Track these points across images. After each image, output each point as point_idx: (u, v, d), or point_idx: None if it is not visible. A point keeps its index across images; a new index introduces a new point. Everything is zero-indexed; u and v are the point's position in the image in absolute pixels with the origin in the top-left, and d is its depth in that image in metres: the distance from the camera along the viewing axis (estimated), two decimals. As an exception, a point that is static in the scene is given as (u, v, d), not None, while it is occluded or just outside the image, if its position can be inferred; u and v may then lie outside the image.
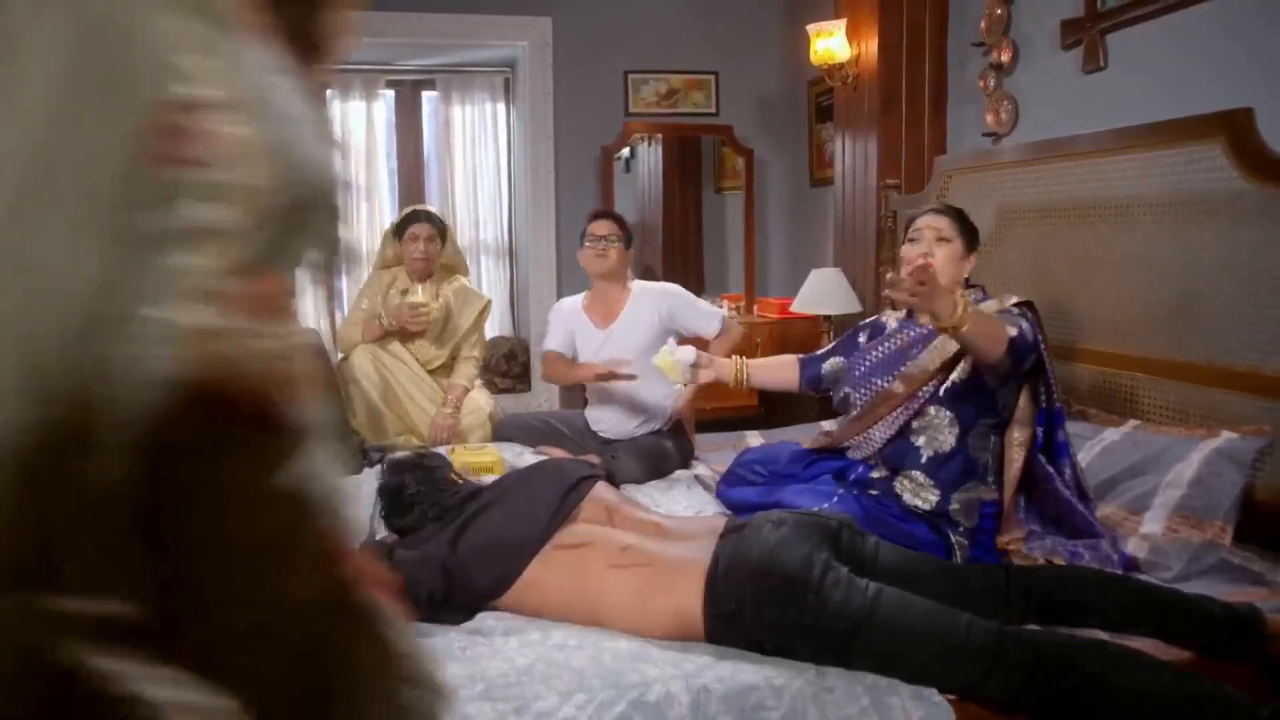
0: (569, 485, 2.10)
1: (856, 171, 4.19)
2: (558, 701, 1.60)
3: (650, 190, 5.83)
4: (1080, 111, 3.25)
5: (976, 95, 3.81)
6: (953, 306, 1.94)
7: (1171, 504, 2.22)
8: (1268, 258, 2.19)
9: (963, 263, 2.34)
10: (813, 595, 1.75)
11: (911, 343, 2.28)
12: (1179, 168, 2.42)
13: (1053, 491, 2.22)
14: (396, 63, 5.42)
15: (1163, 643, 1.83)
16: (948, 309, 1.94)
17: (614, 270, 3.22)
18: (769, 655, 1.77)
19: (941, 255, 2.30)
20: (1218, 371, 2.35)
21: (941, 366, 2.21)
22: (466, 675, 1.68)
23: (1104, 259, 2.69)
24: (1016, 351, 2.08)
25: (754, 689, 1.66)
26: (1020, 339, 2.08)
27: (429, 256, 3.54)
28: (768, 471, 2.55)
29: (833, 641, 1.73)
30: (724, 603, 1.81)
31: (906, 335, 2.32)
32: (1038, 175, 2.94)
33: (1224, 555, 2.16)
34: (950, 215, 2.37)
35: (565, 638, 1.84)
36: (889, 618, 1.72)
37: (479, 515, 2.05)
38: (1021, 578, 1.95)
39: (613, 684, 1.65)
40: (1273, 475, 2.20)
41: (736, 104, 5.37)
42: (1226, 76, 2.68)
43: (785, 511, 2.02)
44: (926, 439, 2.24)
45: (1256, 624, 1.81)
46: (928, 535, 2.20)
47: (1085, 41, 3.21)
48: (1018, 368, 2.14)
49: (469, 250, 5.64)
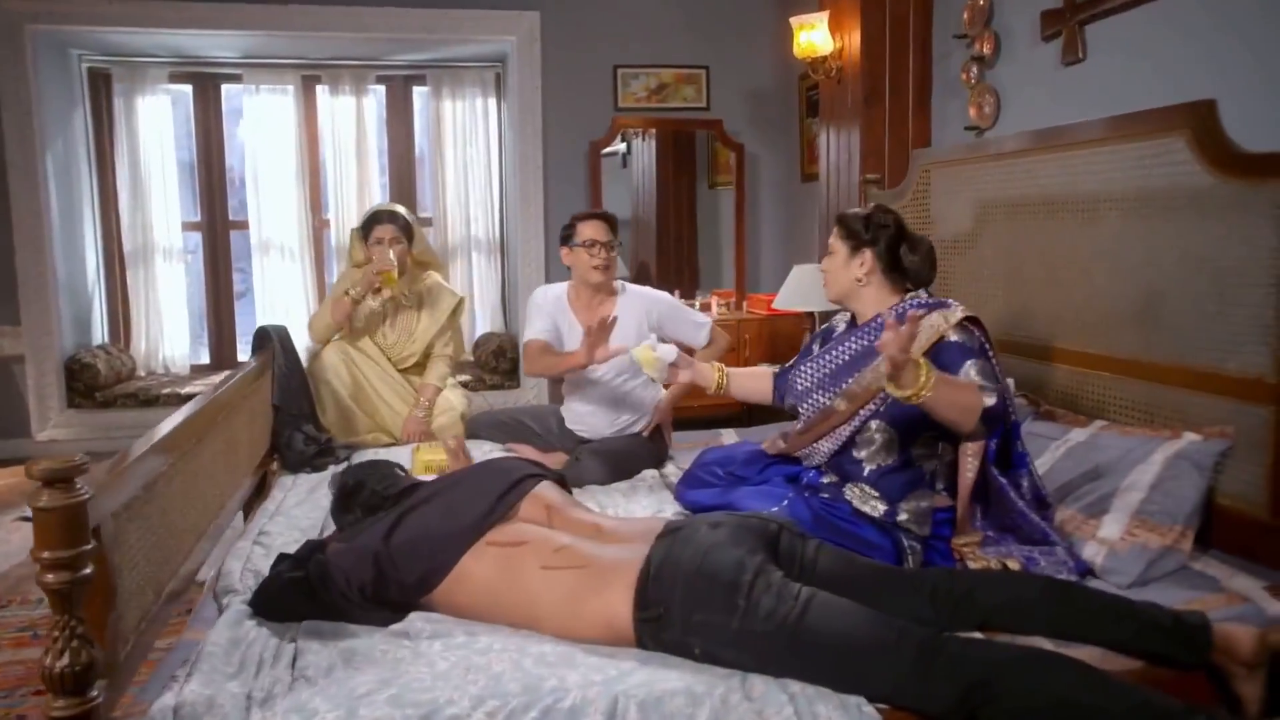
0: (509, 483, 2.07)
1: (840, 166, 4.13)
2: (469, 707, 1.56)
3: (644, 185, 5.79)
4: (1060, 104, 3.19)
5: (960, 88, 3.75)
6: (914, 377, 1.87)
7: (1130, 508, 2.15)
8: (1230, 254, 2.12)
9: (851, 264, 2.28)
10: (742, 600, 1.71)
11: (855, 358, 2.23)
12: (1144, 162, 2.35)
13: (1007, 502, 2.17)
14: (386, 58, 5.40)
15: (1109, 652, 1.78)
16: (909, 379, 1.87)
17: (612, 276, 3.13)
18: (698, 661, 1.73)
19: (828, 267, 2.33)
20: (1182, 371, 2.28)
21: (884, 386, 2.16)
22: (380, 680, 1.65)
23: (1073, 256, 2.63)
24: (989, 422, 2.04)
25: (674, 696, 1.62)
26: (996, 408, 2.02)
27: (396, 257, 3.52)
28: (725, 473, 2.51)
29: (760, 648, 1.69)
30: (653, 607, 1.77)
31: (851, 348, 2.27)
32: (1009, 170, 2.88)
33: (1184, 561, 2.10)
34: (836, 224, 2.34)
35: (491, 642, 1.81)
36: (818, 624, 1.68)
37: (416, 508, 2.02)
38: (964, 583, 1.89)
39: (529, 690, 1.62)
40: (1234, 480, 2.14)
41: (727, 98, 5.32)
42: (1206, 66, 2.61)
43: (724, 514, 1.99)
44: (869, 454, 2.21)
45: (1204, 633, 1.75)
46: (879, 538, 2.15)
47: (1064, 33, 3.14)
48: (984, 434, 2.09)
49: (460, 247, 5.63)
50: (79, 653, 1.33)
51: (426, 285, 3.62)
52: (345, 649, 1.77)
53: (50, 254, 4.72)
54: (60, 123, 4.90)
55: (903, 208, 3.46)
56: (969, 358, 2.09)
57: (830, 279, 2.34)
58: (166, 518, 1.90)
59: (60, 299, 4.81)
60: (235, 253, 5.69)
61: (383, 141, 5.63)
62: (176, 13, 4.68)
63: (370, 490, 2.14)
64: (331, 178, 5.45)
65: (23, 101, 4.57)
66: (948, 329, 2.11)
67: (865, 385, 2.17)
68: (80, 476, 1.35)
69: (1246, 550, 2.11)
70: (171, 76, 5.28)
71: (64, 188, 4.91)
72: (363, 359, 3.38)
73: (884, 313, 2.21)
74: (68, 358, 4.86)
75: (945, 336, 2.12)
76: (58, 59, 4.93)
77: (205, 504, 2.27)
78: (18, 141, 4.59)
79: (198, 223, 5.54)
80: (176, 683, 1.60)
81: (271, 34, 4.91)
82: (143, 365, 5.32)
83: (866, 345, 2.22)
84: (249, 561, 2.20)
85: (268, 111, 5.34)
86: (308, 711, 1.54)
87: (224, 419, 2.49)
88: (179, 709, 1.52)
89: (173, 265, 5.34)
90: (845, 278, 2.29)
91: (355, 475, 2.26)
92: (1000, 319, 2.96)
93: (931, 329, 2.12)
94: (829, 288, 2.36)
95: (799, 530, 1.98)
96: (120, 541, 1.61)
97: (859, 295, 2.29)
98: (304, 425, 3.18)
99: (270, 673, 1.68)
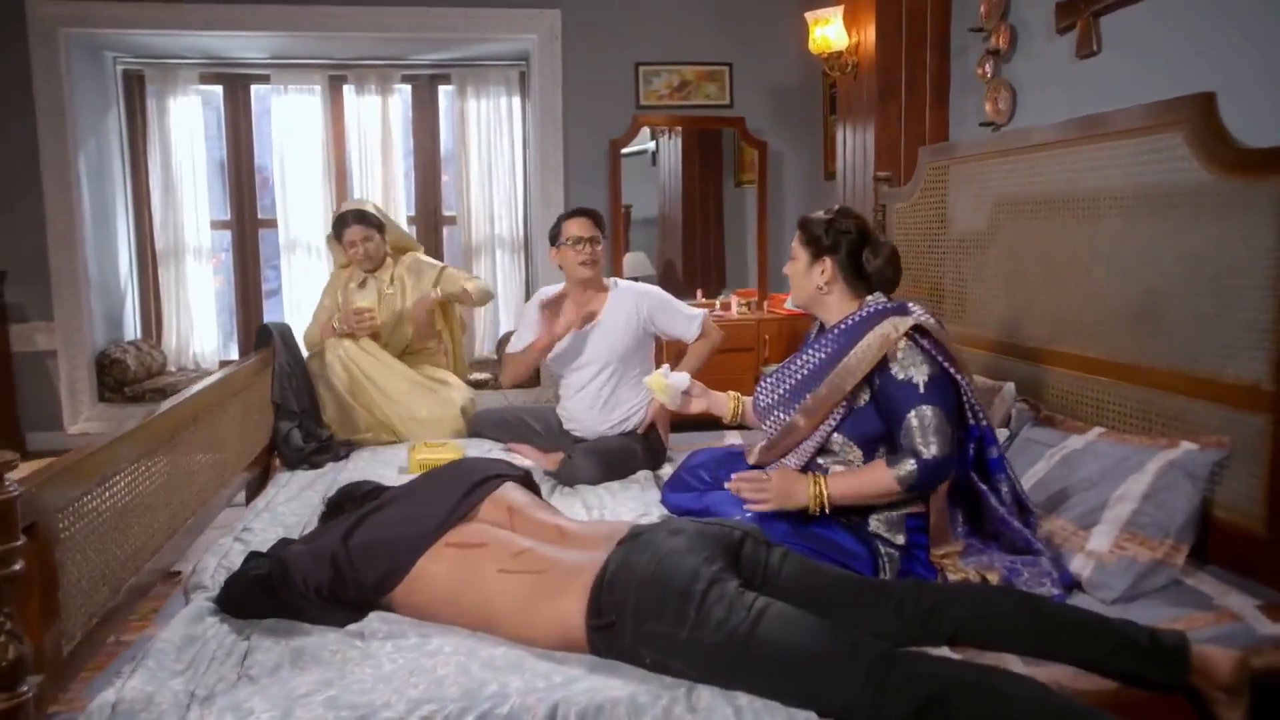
0: (470, 484, 2.05)
1: (856, 164, 4.04)
2: (404, 711, 1.55)
3: (671, 184, 5.75)
4: (1074, 98, 3.08)
5: (977, 84, 3.64)
6: (810, 494, 2.04)
7: (1121, 520, 2.06)
8: (1228, 254, 2.02)
9: (812, 273, 2.21)
10: (693, 610, 1.67)
11: (815, 370, 2.17)
12: (1142, 159, 2.25)
13: (988, 509, 2.09)
14: (412, 57, 5.44)
15: (1082, 671, 1.71)
16: (802, 498, 2.05)
17: (599, 272, 3.14)
18: (650, 670, 1.69)
19: (790, 273, 2.28)
20: (1181, 377, 2.18)
21: (841, 399, 2.10)
22: (322, 680, 1.64)
23: (1074, 256, 2.53)
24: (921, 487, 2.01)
25: (615, 705, 1.58)
26: (920, 476, 1.97)
27: (370, 254, 3.59)
28: (709, 477, 2.47)
29: (709, 659, 1.65)
30: (606, 614, 1.74)
31: (811, 360, 2.21)
32: (1011, 168, 2.78)
33: (1176, 576, 2.01)
34: (798, 228, 2.28)
35: (442, 644, 1.79)
36: (770, 636, 1.63)
37: (377, 510, 2.02)
38: (932, 596, 1.82)
39: (468, 695, 1.60)
40: (1231, 491, 2.03)
41: (751, 95, 5.25)
42: (1221, 58, 2.51)
43: (686, 520, 1.95)
44: (832, 464, 2.16)
45: (1181, 654, 1.67)
46: (855, 546, 2.09)
47: (1079, 25, 3.03)
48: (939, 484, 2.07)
49: (484, 245, 5.64)
50: (6, 648, 1.34)
51: (406, 266, 3.66)
52: (296, 648, 1.77)
53: (81, 252, 4.84)
54: (94, 123, 5.02)
55: (911, 206, 3.38)
56: (910, 405, 2.00)
57: (794, 286, 2.29)
58: (128, 514, 1.91)
59: (92, 295, 4.93)
60: (269, 251, 5.78)
61: (408, 141, 5.68)
62: (205, 15, 4.76)
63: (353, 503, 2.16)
64: (357, 177, 5.50)
65: (55, 103, 4.69)
66: (897, 339, 2.03)
67: (821, 400, 2.11)
68: (10, 473, 1.36)
69: (1243, 566, 2.01)
70: (202, 78, 5.39)
71: (97, 187, 5.03)
72: (361, 355, 3.41)
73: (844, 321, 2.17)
74: (98, 353, 4.98)
75: (895, 351, 2.04)
76: (93, 62, 5.05)
77: (184, 499, 2.29)
78: (51, 142, 4.72)
79: (227, 221, 5.64)
80: (121, 679, 1.61)
81: (297, 35, 4.97)
82: (173, 361, 5.43)
83: (827, 355, 2.15)
84: (226, 558, 2.21)
85: (295, 111, 5.42)
86: (243, 711, 1.54)
87: (206, 415, 2.51)
88: (117, 705, 1.53)
89: (203, 263, 5.44)
90: (808, 286, 2.23)
91: (341, 493, 2.29)
92: (1003, 320, 2.87)
93: (881, 339, 2.05)
94: (793, 295, 2.31)
95: (764, 538, 1.93)
96: (65, 538, 1.62)
97: (822, 303, 2.23)
98: (304, 422, 3.21)
99: (217, 670, 1.69)
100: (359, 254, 3.57)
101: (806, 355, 2.21)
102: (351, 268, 3.66)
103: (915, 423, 1.99)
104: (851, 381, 2.06)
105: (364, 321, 3.40)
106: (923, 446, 1.98)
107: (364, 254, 3.57)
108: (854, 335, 2.10)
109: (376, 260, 3.62)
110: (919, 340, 2.05)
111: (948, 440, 1.99)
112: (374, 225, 3.58)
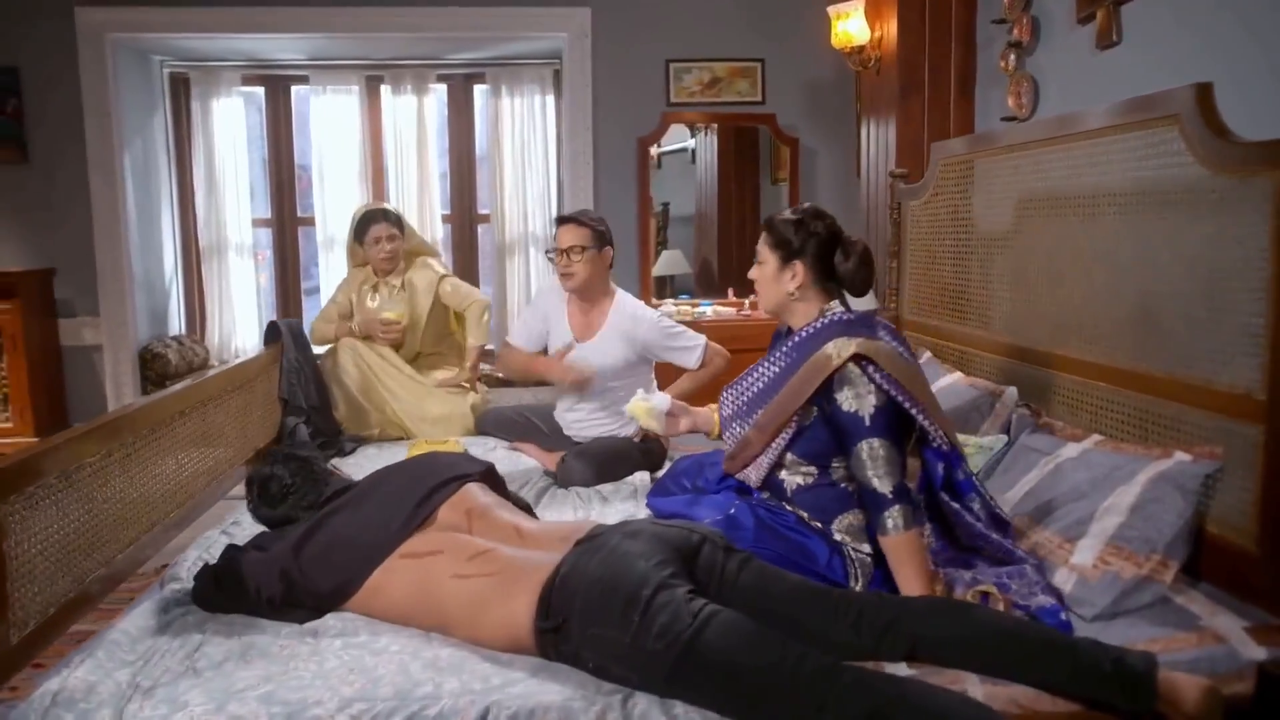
0: (427, 491, 2.03)
1: (878, 161, 3.95)
2: (334, 708, 1.56)
3: (707, 181, 5.70)
4: (1095, 90, 2.96)
5: (1001, 77, 3.52)
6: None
7: (1107, 533, 1.97)
8: (1223, 254, 1.90)
9: (782, 278, 2.12)
10: (638, 615, 1.65)
11: (771, 382, 2.11)
12: (1139, 153, 2.14)
13: (963, 525, 2.02)
14: (447, 57, 5.48)
15: (1043, 693, 1.63)
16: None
17: (584, 284, 3.05)
18: (591, 674, 1.67)
19: (757, 277, 2.18)
20: (1176, 384, 2.06)
21: (789, 420, 2.04)
22: (263, 675, 1.66)
23: (1075, 256, 2.42)
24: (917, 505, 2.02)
25: (547, 710, 1.57)
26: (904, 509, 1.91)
27: (394, 254, 3.58)
28: (690, 484, 2.43)
29: (650, 665, 1.62)
30: (555, 615, 1.72)
31: (768, 371, 2.15)
32: (1017, 164, 2.67)
33: (1164, 594, 1.90)
34: (765, 230, 2.17)
35: (389, 642, 1.80)
36: (713, 645, 1.59)
37: (331, 517, 2.01)
38: (891, 610, 1.76)
39: (400, 695, 1.60)
40: (1223, 505, 1.92)
41: (783, 92, 5.17)
42: (1240, 49, 2.37)
43: (643, 523, 1.92)
44: (789, 477, 2.11)
45: (1147, 681, 1.58)
46: (824, 552, 2.04)
47: (1099, 14, 2.90)
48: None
49: (518, 243, 5.66)
50: (-58, 636, 1.38)
51: (409, 275, 3.66)
52: (246, 642, 1.80)
53: (126, 249, 5.00)
54: (140, 124, 5.18)
55: (924, 204, 3.28)
56: (859, 437, 1.93)
57: (761, 292, 2.18)
58: (96, 505, 1.96)
59: (136, 292, 5.09)
60: (311, 249, 5.88)
61: (444, 140, 5.72)
62: (246, 18, 4.88)
63: (281, 484, 2.14)
64: (394, 176, 5.57)
65: (102, 106, 4.85)
66: (839, 365, 1.94)
67: (772, 415, 2.05)
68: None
69: (1235, 584, 1.89)
70: (244, 79, 5.51)
71: (142, 187, 5.19)
72: (372, 356, 3.45)
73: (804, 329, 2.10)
74: (141, 347, 5.14)
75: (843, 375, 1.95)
76: (139, 65, 5.21)
77: (167, 492, 2.34)
78: (98, 143, 4.88)
79: (268, 219, 5.77)
80: (69, 668, 1.65)
81: (335, 36, 5.06)
82: (216, 356, 5.58)
83: (781, 369, 2.09)
84: (208, 551, 2.25)
85: (334, 111, 5.51)
86: (179, 704, 1.57)
87: (197, 410, 2.56)
88: (59, 694, 1.57)
89: (244, 260, 5.57)
90: (777, 292, 2.14)
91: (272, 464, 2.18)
92: (1007, 320, 2.77)
93: (822, 362, 1.97)
94: (761, 301, 2.20)
95: (724, 543, 1.89)
96: (16, 529, 1.66)
97: (792, 309, 2.14)
98: (312, 417, 3.26)
99: (165, 662, 1.71)
100: (384, 252, 3.56)
101: (765, 366, 2.16)
102: (367, 269, 3.68)
103: (865, 455, 1.93)
104: (795, 404, 2.01)
105: (390, 332, 3.43)
106: (874, 479, 1.92)
107: (389, 252, 3.57)
108: (806, 350, 2.04)
109: (397, 261, 3.64)
110: (865, 368, 1.96)
111: (898, 469, 1.94)
112: (396, 224, 3.60)
